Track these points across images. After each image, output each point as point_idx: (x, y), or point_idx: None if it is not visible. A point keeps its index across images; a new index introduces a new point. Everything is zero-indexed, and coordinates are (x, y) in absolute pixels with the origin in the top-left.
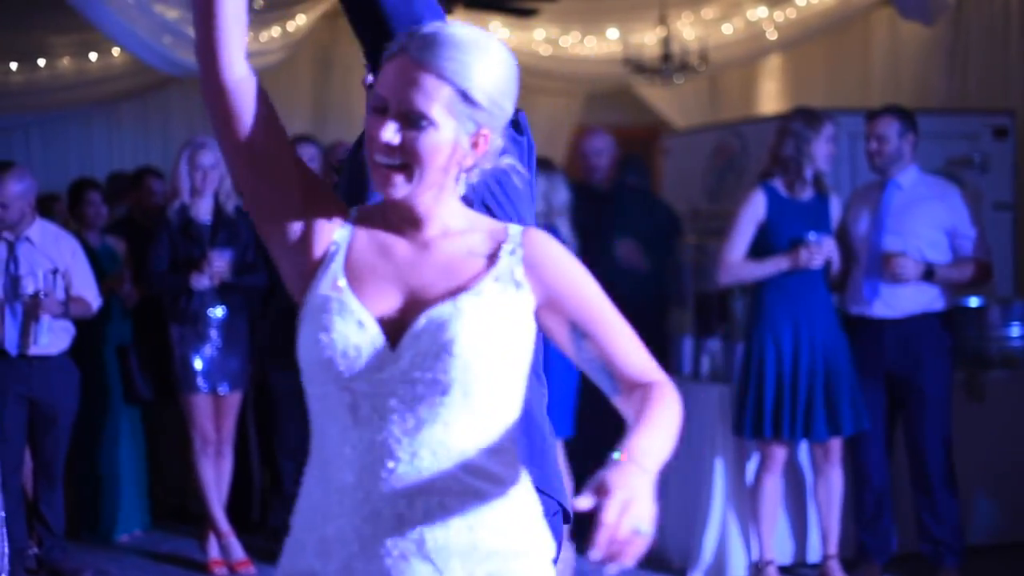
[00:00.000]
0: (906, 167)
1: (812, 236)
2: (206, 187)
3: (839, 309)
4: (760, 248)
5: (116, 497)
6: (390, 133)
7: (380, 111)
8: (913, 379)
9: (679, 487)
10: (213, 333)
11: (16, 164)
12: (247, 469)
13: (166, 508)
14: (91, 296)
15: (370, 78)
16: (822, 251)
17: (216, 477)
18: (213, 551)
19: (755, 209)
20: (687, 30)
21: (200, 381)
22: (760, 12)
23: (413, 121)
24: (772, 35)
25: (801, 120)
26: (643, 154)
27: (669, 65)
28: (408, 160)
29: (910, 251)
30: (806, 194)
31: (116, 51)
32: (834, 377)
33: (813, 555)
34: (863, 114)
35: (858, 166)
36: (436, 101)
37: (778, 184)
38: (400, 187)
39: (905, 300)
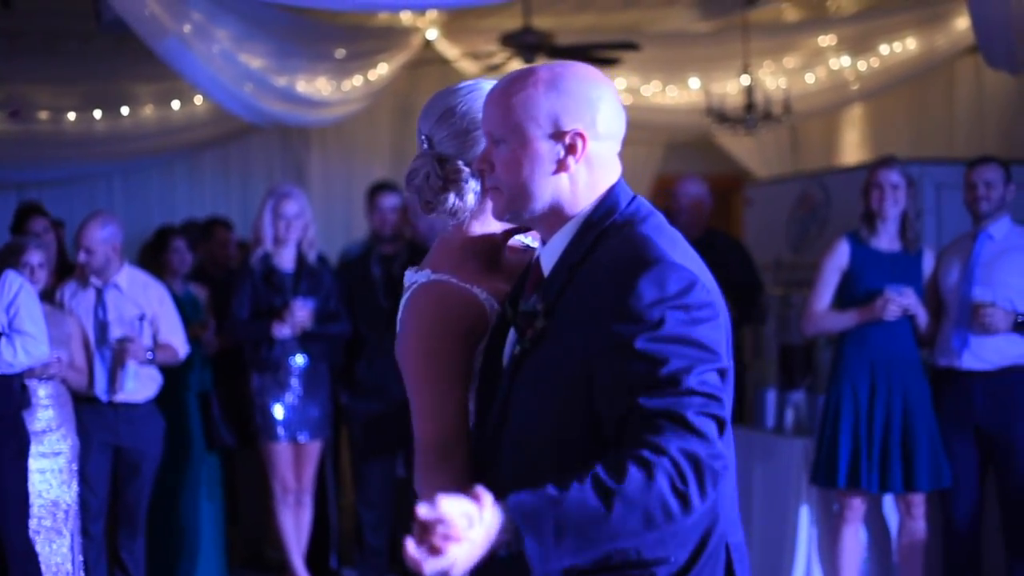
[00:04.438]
0: (1000, 217)
1: (890, 289)
2: (290, 236)
3: (926, 363)
4: (844, 298)
5: (195, 544)
6: None
7: None
8: (1005, 433)
9: (764, 538)
10: (294, 381)
11: (102, 212)
12: (325, 517)
13: (244, 555)
14: (178, 343)
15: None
16: (898, 303)
17: (295, 525)
18: None
19: (838, 258)
20: (769, 79)
21: (280, 430)
22: (843, 61)
23: None
24: (855, 84)
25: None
26: (723, 203)
27: (752, 115)
28: None
29: (1000, 302)
30: (893, 245)
31: (199, 99)
32: (912, 431)
33: None
34: (948, 164)
35: (944, 217)
36: None
37: (863, 233)
38: None
39: (995, 352)
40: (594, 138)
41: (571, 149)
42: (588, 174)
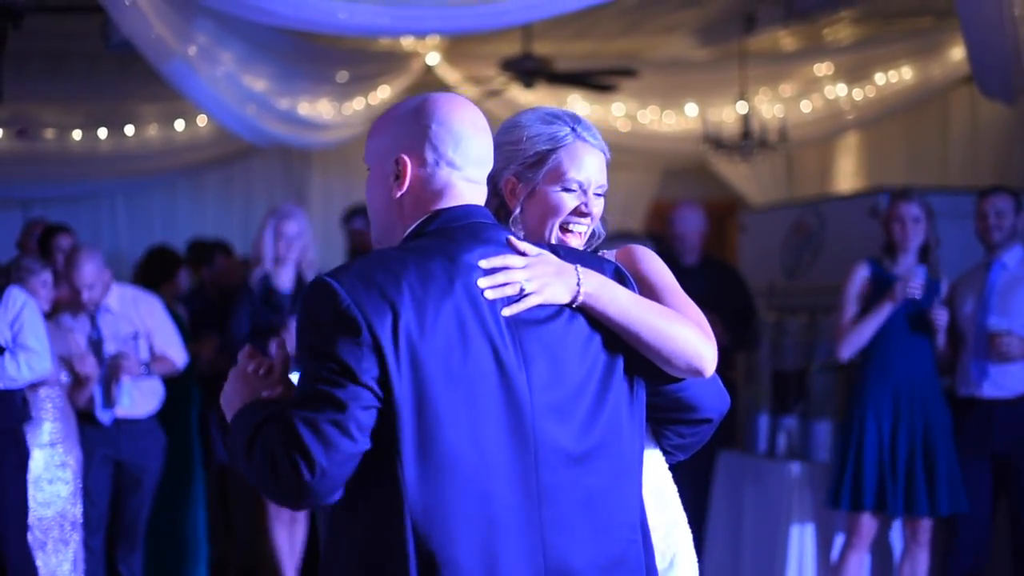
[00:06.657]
0: (1012, 246)
1: (900, 272)
2: (289, 256)
3: (949, 393)
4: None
5: (193, 558)
6: (598, 208)
7: (573, 190)
8: (1021, 460)
9: (755, 562)
10: None
11: (83, 245)
12: (317, 534)
13: (238, 572)
14: (175, 354)
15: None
16: (915, 283)
17: (289, 543)
18: None
19: (859, 284)
20: (765, 107)
21: None
22: (839, 90)
23: (601, 194)
24: (850, 113)
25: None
26: (718, 229)
27: (748, 142)
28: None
29: (1017, 330)
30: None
31: (202, 120)
32: (932, 455)
33: None
34: (942, 193)
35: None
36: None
37: (885, 263)
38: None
39: (1015, 379)
40: (420, 165)
41: (397, 175)
42: (416, 199)
